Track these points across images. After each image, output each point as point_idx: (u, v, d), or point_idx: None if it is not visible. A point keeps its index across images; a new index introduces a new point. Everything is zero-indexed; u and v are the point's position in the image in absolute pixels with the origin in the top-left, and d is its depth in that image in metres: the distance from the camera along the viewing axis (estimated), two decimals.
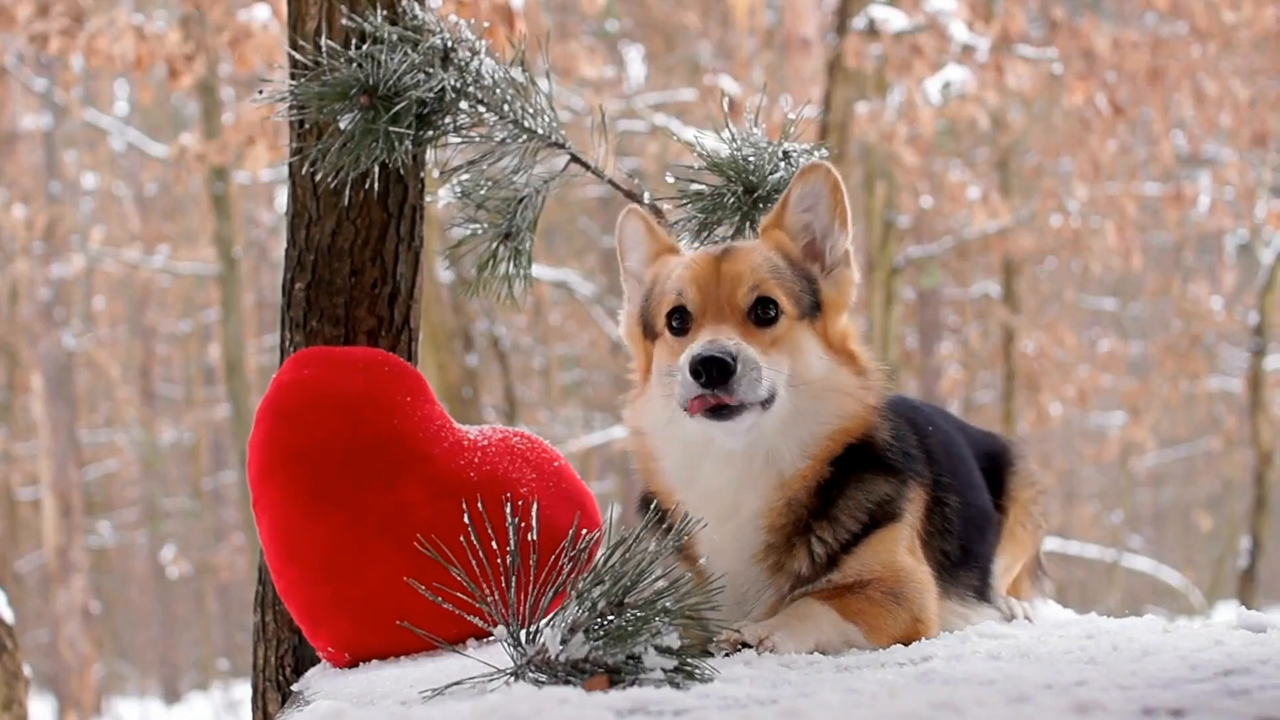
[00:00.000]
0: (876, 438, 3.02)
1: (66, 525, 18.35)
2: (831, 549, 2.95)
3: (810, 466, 2.97)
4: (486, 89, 3.50)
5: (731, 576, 2.93)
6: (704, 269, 2.99)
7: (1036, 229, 17.94)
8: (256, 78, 11.07)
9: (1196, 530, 29.56)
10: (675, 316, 2.99)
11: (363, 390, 3.43)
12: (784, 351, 2.94)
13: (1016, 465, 3.56)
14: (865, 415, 3.02)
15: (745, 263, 2.98)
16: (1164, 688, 2.15)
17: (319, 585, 3.33)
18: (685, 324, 2.98)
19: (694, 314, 2.96)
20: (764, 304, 2.95)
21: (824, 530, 2.96)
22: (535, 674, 2.49)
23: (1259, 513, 16.70)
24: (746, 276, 2.95)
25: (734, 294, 2.94)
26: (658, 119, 15.89)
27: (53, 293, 18.56)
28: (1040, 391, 19.47)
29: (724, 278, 2.96)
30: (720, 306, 2.94)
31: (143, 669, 31.59)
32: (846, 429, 3.00)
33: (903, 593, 2.95)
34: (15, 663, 5.04)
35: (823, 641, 2.80)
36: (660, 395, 3.00)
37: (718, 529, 2.95)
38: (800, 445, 2.96)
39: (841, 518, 2.97)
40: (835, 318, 3.08)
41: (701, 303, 2.96)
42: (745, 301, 2.94)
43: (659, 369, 3.03)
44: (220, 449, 28.69)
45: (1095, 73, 13.38)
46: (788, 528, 2.96)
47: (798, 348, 2.97)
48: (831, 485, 2.98)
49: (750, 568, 2.98)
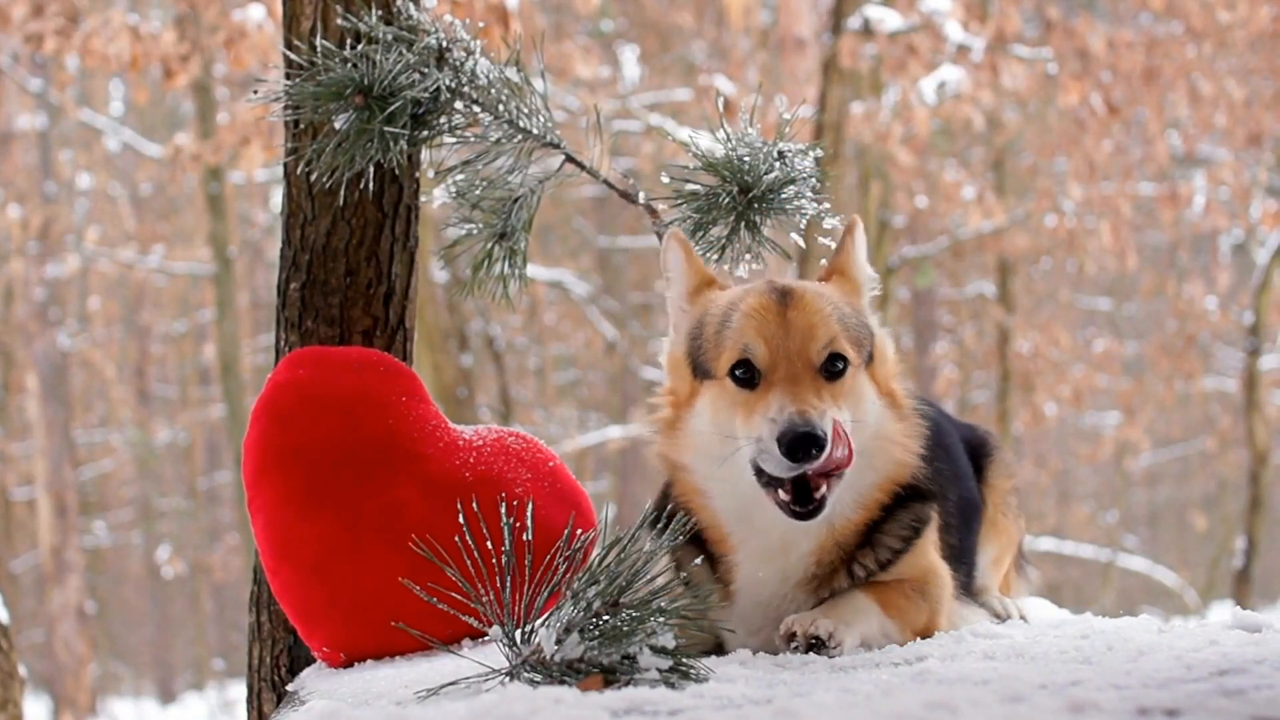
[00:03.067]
0: (920, 475, 3.05)
1: (61, 525, 18.33)
2: (871, 570, 3.01)
3: (862, 515, 3.00)
4: (481, 89, 3.50)
5: (769, 598, 2.99)
6: (770, 319, 2.90)
7: (1031, 229, 17.94)
8: (251, 78, 11.04)
9: (1191, 530, 29.58)
10: (741, 368, 2.90)
11: (358, 390, 3.43)
12: (848, 404, 2.90)
13: (995, 455, 3.61)
14: (911, 462, 3.03)
15: (815, 313, 2.91)
16: (1159, 688, 2.15)
17: (314, 585, 3.33)
18: (752, 378, 2.89)
19: (762, 369, 2.87)
20: (835, 359, 2.90)
21: (866, 557, 3.01)
22: (530, 674, 2.49)
23: (1254, 512, 16.70)
24: (820, 330, 2.89)
25: (806, 349, 2.88)
26: (653, 119, 15.88)
27: (48, 293, 18.54)
28: (1035, 391, 19.48)
29: (793, 329, 2.89)
30: (791, 361, 2.86)
31: (138, 669, 31.58)
32: (895, 478, 3.01)
33: (928, 590, 3.03)
34: (10, 663, 5.04)
35: (869, 636, 2.88)
36: (712, 435, 2.94)
37: (764, 566, 2.97)
38: (855, 496, 2.97)
39: (884, 542, 3.02)
40: (882, 364, 3.07)
41: (770, 358, 2.87)
42: (819, 358, 2.88)
43: (718, 415, 2.94)
44: (215, 449, 28.67)
45: (1090, 72, 13.39)
46: (834, 562, 3.00)
47: (860, 397, 2.95)
48: (878, 523, 3.02)
49: (791, 591, 3.00)
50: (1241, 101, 14.83)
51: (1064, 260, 19.92)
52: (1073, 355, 20.63)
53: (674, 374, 3.10)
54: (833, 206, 3.57)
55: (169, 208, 25.10)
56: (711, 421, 2.95)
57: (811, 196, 3.52)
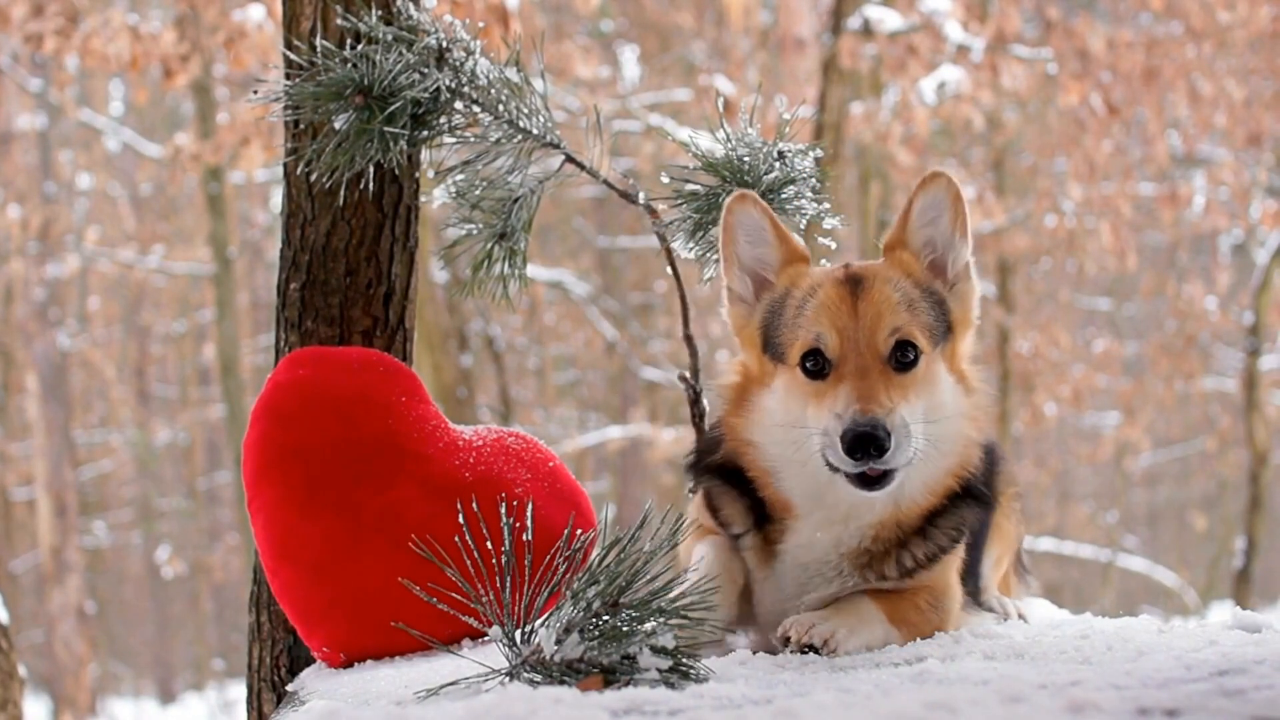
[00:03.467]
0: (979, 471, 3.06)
1: (61, 525, 18.34)
2: (919, 562, 3.02)
3: (929, 500, 3.00)
4: (481, 89, 3.50)
5: (814, 563, 3.00)
6: (840, 307, 2.91)
7: (1031, 229, 17.95)
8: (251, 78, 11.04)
9: (1191, 530, 29.59)
10: (811, 359, 2.92)
11: (358, 390, 3.43)
12: (921, 394, 2.90)
13: (999, 465, 3.61)
14: (979, 444, 3.04)
15: (883, 300, 2.92)
16: (1159, 688, 2.15)
17: (314, 585, 3.33)
18: (822, 368, 2.91)
19: (832, 360, 2.89)
20: (903, 347, 2.90)
21: (918, 546, 3.02)
22: (530, 674, 2.49)
23: (1254, 513, 16.69)
24: (886, 318, 2.90)
25: (874, 338, 2.88)
26: (653, 119, 15.88)
27: (48, 293, 18.55)
28: (1035, 391, 19.49)
29: (861, 318, 2.89)
30: (860, 352, 2.87)
31: (138, 669, 31.56)
32: (964, 463, 3.02)
33: (940, 604, 3.05)
34: (10, 663, 5.04)
35: (871, 643, 2.88)
36: (782, 423, 2.96)
37: (824, 529, 2.99)
38: (924, 482, 2.98)
39: (936, 536, 3.03)
40: (963, 337, 3.07)
41: (840, 348, 2.89)
42: (886, 347, 2.89)
43: (788, 402, 2.96)
44: (215, 449, 28.67)
45: (1090, 73, 13.38)
46: (891, 541, 3.00)
47: (933, 386, 2.94)
48: (938, 512, 3.03)
49: (840, 560, 3.01)
50: (1241, 101, 14.82)
51: (1064, 260, 19.92)
52: (1073, 355, 20.64)
53: (746, 344, 3.11)
54: (832, 206, 3.57)
55: (169, 208, 25.10)
56: (783, 407, 2.97)
57: (811, 196, 3.52)
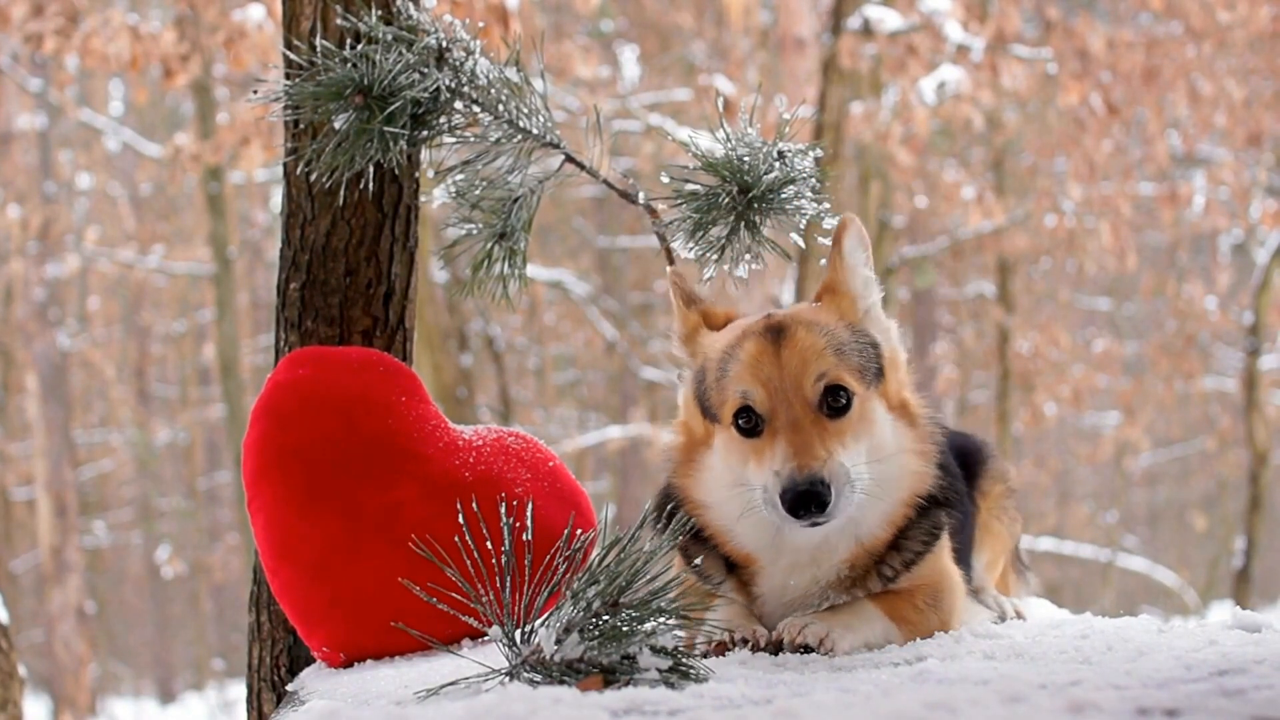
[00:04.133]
0: (939, 486, 3.04)
1: (61, 525, 18.33)
2: (898, 570, 3.01)
3: (888, 532, 2.99)
4: (481, 89, 3.49)
5: (799, 599, 3.00)
6: (763, 360, 2.87)
7: (1031, 229, 17.95)
8: (251, 78, 11.04)
9: (1191, 530, 29.59)
10: (742, 416, 2.88)
11: (358, 390, 3.43)
12: (860, 437, 2.87)
13: (989, 464, 3.62)
14: (930, 471, 3.02)
15: (807, 347, 2.87)
16: (1159, 688, 2.15)
17: (314, 585, 3.33)
18: (755, 425, 2.86)
19: (764, 415, 2.85)
20: (834, 392, 2.85)
21: (893, 559, 3.01)
22: (530, 674, 2.49)
23: (1254, 513, 16.70)
24: (812, 365, 2.85)
25: (801, 387, 2.84)
26: (653, 119, 15.88)
27: (47, 293, 18.54)
28: (1035, 391, 19.49)
29: (786, 367, 2.85)
30: (790, 403, 2.83)
31: (138, 669, 31.57)
32: (917, 491, 3.00)
33: (940, 601, 3.04)
34: (10, 663, 5.04)
35: (870, 641, 2.87)
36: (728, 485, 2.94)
37: (796, 577, 2.98)
38: (880, 515, 2.96)
39: (909, 545, 3.02)
40: (894, 374, 3.03)
41: (768, 402, 2.84)
42: (815, 394, 2.84)
43: (728, 460, 2.93)
44: (215, 449, 28.68)
45: (1090, 72, 13.39)
46: (864, 567, 3.00)
47: (870, 426, 2.90)
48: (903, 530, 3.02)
49: (823, 590, 3.00)
50: (1241, 101, 14.83)
51: (1064, 260, 19.92)
52: (1073, 355, 20.64)
53: (687, 410, 3.09)
54: (833, 206, 3.56)
55: (169, 208, 25.10)
56: (725, 465, 2.95)
57: (811, 196, 3.52)
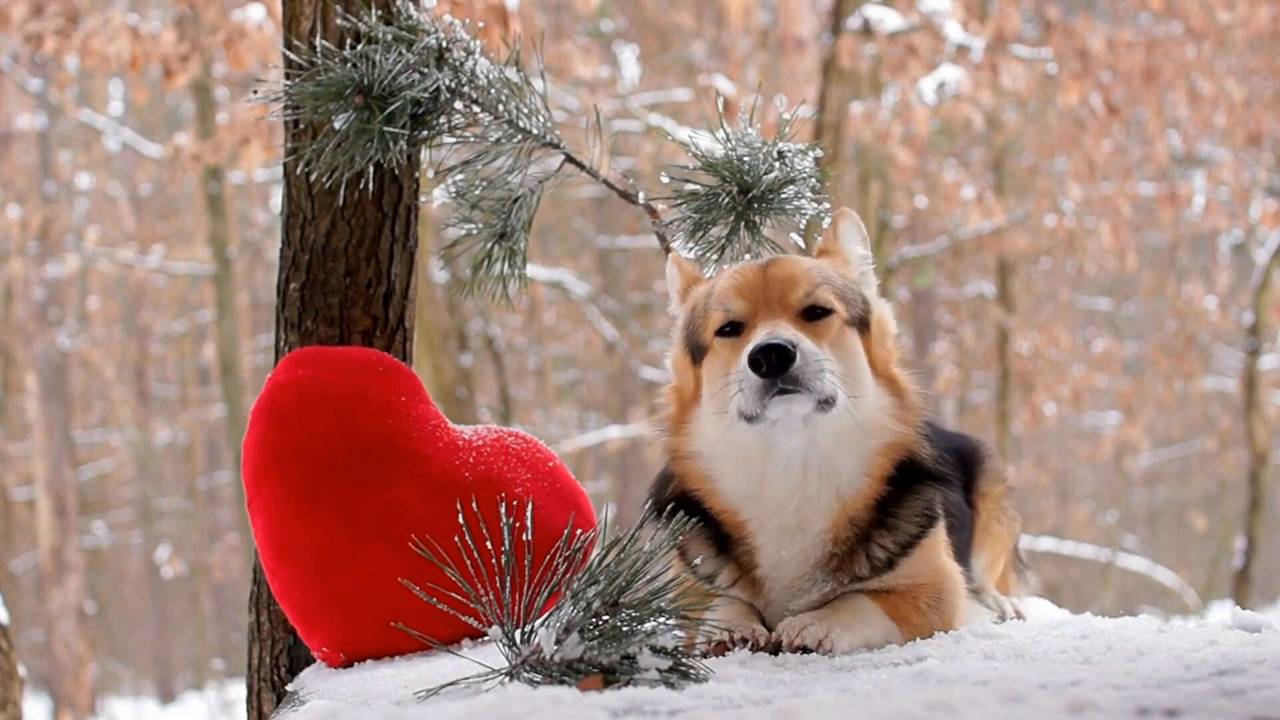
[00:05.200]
0: (923, 452, 3.05)
1: (61, 525, 18.33)
2: (891, 553, 3.01)
3: (868, 485, 2.98)
4: (481, 89, 3.49)
5: (793, 580, 3.00)
6: (750, 278, 2.97)
7: (1031, 229, 17.94)
8: (251, 78, 11.04)
9: (1191, 530, 29.58)
10: (726, 328, 2.96)
11: (358, 390, 3.43)
12: (838, 352, 2.91)
13: (986, 464, 3.64)
14: (910, 434, 3.03)
15: (796, 267, 2.98)
16: (1159, 688, 2.15)
17: (314, 585, 3.33)
18: (737, 329, 2.94)
19: (745, 320, 2.93)
20: (816, 308, 2.93)
21: (884, 538, 3.01)
22: (530, 674, 2.49)
23: (1254, 513, 16.69)
24: (800, 280, 2.94)
25: (785, 296, 2.92)
26: (652, 119, 15.87)
27: (47, 293, 18.54)
28: (1035, 391, 19.47)
29: (772, 282, 2.94)
30: (771, 307, 2.91)
31: (138, 669, 31.56)
32: (895, 444, 3.00)
33: (941, 601, 3.04)
34: (10, 663, 5.04)
35: (870, 641, 2.87)
36: (713, 413, 2.97)
37: (786, 545, 2.98)
38: (856, 460, 2.96)
39: (901, 525, 3.02)
40: (881, 340, 3.07)
41: (751, 308, 2.93)
42: (798, 303, 2.92)
43: (712, 383, 2.98)
44: (215, 449, 28.67)
45: (1090, 72, 13.38)
46: (851, 540, 3.00)
47: (851, 353, 2.95)
48: (890, 500, 3.01)
49: (813, 572, 3.01)
50: (1241, 101, 14.82)
51: (1064, 260, 19.93)
52: (1072, 355, 20.63)
53: (677, 373, 3.15)
54: (832, 206, 3.56)
55: (169, 208, 25.09)
56: (709, 393, 2.99)
57: (811, 196, 3.52)
